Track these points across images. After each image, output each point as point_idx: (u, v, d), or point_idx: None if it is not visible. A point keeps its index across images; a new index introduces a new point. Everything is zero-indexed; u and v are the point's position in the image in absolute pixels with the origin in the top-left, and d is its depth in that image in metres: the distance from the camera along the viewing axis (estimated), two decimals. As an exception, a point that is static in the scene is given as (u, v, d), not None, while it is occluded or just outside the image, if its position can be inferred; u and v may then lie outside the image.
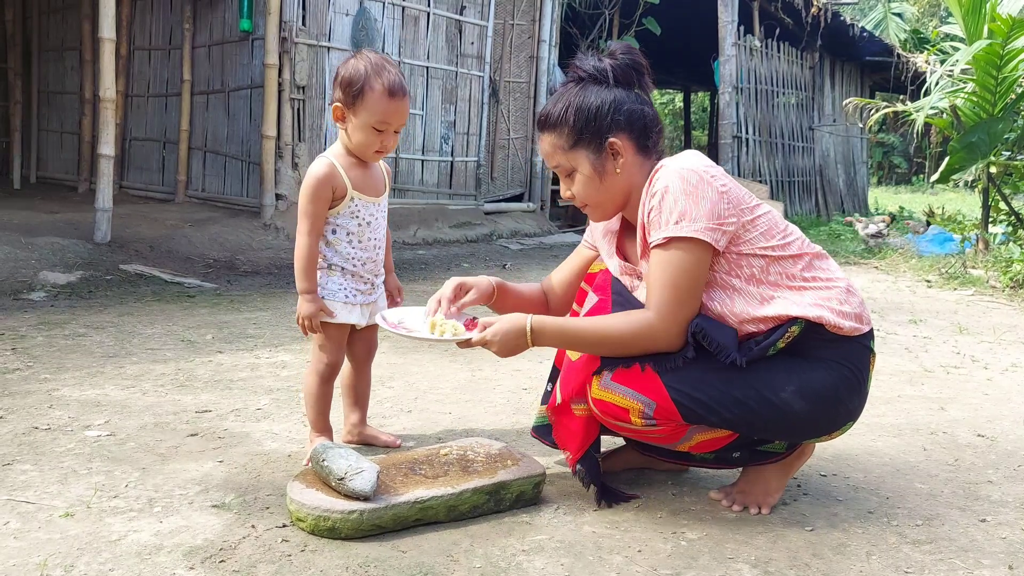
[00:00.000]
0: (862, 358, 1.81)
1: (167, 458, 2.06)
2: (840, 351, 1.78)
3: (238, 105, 6.89)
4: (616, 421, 1.80)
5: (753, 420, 1.75)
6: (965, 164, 6.66)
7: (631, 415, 1.76)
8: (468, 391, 2.78)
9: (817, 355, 1.78)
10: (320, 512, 1.66)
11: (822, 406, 1.77)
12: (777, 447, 1.90)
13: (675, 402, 1.74)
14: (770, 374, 1.75)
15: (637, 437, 1.86)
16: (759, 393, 1.73)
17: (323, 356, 2.10)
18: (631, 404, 1.76)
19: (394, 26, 7.20)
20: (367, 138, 2.01)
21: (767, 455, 1.91)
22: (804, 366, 1.77)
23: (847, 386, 1.78)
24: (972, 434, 2.55)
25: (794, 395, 1.74)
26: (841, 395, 1.78)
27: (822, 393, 1.76)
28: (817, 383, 1.76)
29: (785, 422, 1.76)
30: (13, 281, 4.28)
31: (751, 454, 1.91)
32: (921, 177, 25.54)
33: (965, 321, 4.55)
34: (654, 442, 1.86)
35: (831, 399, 1.77)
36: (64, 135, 8.90)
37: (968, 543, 1.78)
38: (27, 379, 2.67)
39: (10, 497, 1.79)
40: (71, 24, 8.59)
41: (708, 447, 1.86)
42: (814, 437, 1.86)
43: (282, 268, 5.39)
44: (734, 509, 1.90)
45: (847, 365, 1.78)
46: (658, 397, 1.74)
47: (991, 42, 6.17)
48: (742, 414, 1.74)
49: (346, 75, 2.00)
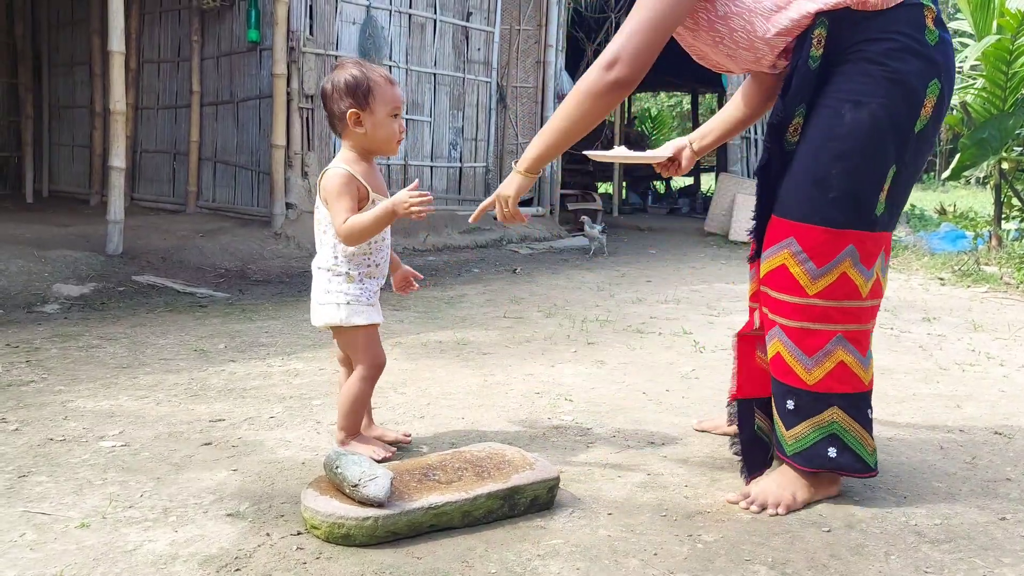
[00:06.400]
0: (914, 20, 1.83)
1: (181, 467, 2.07)
2: (888, 31, 1.82)
3: (247, 115, 6.92)
4: (787, 296, 1.91)
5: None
6: (976, 160, 6.63)
7: (788, 267, 1.90)
8: (480, 396, 2.77)
9: (865, 54, 1.83)
10: (334, 519, 1.66)
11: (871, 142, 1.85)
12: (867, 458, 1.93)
13: (799, 220, 1.88)
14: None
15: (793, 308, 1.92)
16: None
17: (370, 359, 2.15)
18: (778, 260, 1.91)
19: (401, 34, 7.22)
20: (388, 127, 2.10)
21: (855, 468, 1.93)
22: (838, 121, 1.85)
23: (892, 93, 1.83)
24: (989, 432, 2.53)
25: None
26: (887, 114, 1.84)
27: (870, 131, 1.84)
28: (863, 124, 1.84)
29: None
30: (27, 294, 4.31)
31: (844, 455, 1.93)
32: (932, 175, 25.41)
33: (980, 318, 4.51)
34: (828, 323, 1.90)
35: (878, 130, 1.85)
36: (75, 148, 8.96)
37: (988, 541, 1.76)
38: (42, 391, 2.69)
39: (26, 508, 1.80)
40: (81, 38, 8.66)
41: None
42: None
43: (293, 277, 5.40)
44: (752, 509, 1.89)
45: (901, 56, 1.82)
46: (789, 232, 1.89)
47: (1000, 38, 6.15)
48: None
49: (346, 84, 2.07)
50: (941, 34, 1.88)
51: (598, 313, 4.39)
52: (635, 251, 7.87)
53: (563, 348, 3.54)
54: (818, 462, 1.91)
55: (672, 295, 5.10)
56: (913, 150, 1.90)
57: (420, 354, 3.35)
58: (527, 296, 4.90)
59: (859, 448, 1.92)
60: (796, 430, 1.93)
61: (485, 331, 3.85)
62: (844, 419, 1.91)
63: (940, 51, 1.86)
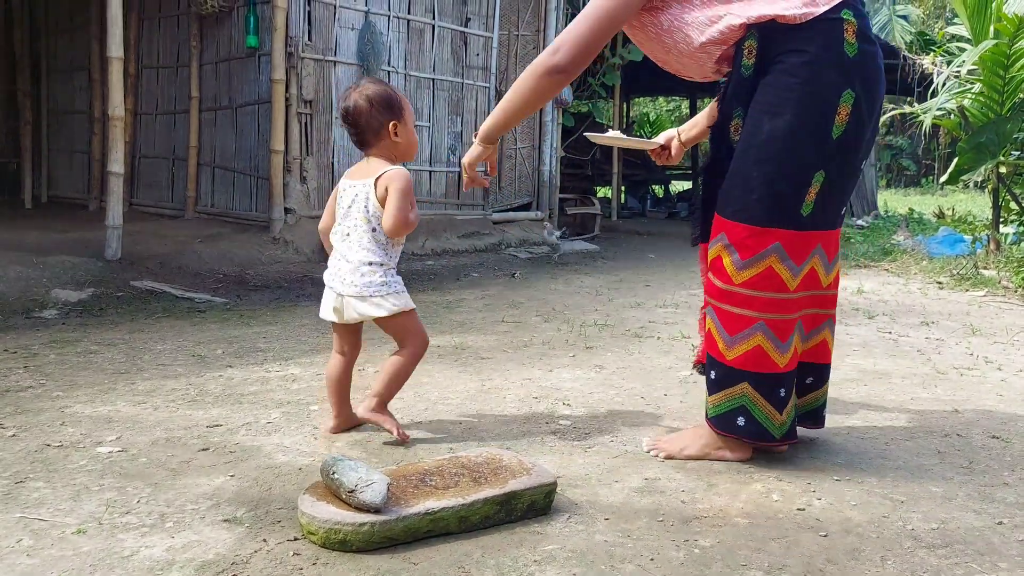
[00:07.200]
0: (832, 33, 1.96)
1: (178, 473, 2.07)
2: (805, 43, 1.97)
3: (246, 121, 6.93)
4: (717, 281, 2.13)
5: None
6: (974, 165, 6.64)
7: (721, 257, 2.09)
8: (478, 401, 2.77)
9: (784, 65, 1.99)
10: (331, 525, 1.66)
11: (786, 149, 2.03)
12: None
13: (728, 217, 2.08)
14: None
15: (746, 301, 2.11)
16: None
17: (421, 339, 2.39)
18: (715, 250, 2.12)
19: (399, 39, 7.23)
20: (414, 135, 2.42)
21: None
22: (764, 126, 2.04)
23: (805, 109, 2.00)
24: (987, 436, 2.53)
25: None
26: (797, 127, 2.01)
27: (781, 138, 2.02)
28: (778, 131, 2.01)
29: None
30: (25, 300, 4.31)
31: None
32: (931, 179, 25.41)
33: (978, 322, 4.52)
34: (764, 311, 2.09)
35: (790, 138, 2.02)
36: (74, 154, 8.95)
37: (984, 547, 1.76)
38: (39, 396, 2.69)
39: (23, 514, 1.80)
40: (80, 44, 8.66)
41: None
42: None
43: (291, 282, 5.40)
44: (659, 457, 2.23)
45: (814, 68, 1.97)
46: (722, 228, 2.10)
47: (997, 42, 6.16)
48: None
49: (381, 98, 2.31)
50: (863, 47, 2.01)
51: (596, 317, 4.39)
52: (634, 255, 7.88)
53: (561, 353, 3.55)
54: (728, 428, 2.17)
55: (671, 299, 5.11)
56: (840, 155, 2.04)
57: (418, 359, 3.35)
58: (525, 301, 4.91)
59: (766, 421, 2.14)
60: (714, 397, 2.19)
61: (483, 336, 3.86)
62: (753, 395, 2.12)
63: (858, 63, 2.00)
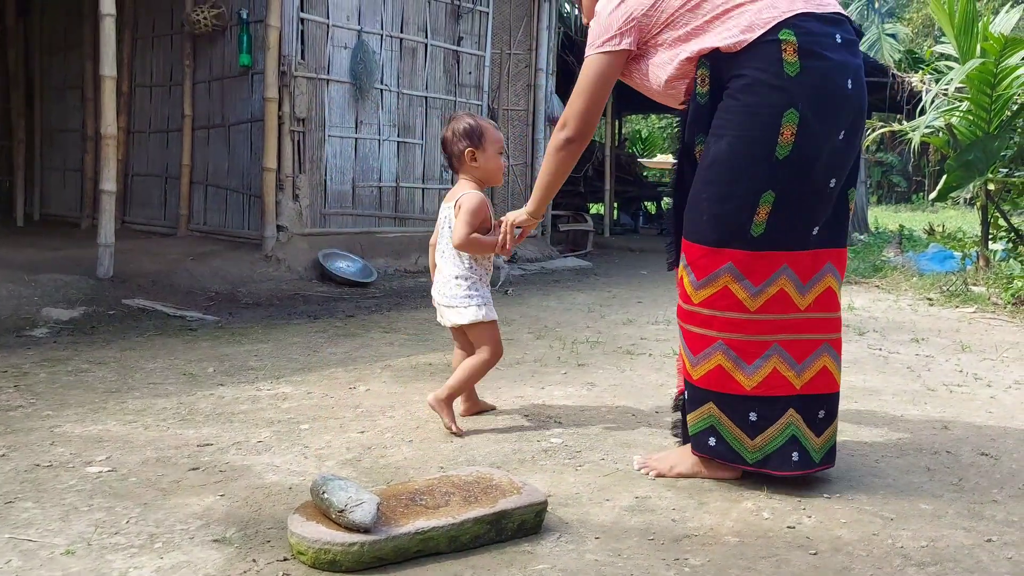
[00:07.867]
0: (769, 55, 2.02)
1: (168, 493, 2.06)
2: (744, 68, 2.05)
3: (238, 139, 6.94)
4: (680, 300, 2.22)
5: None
6: (963, 182, 6.69)
7: (683, 282, 2.17)
8: (469, 420, 2.77)
9: (729, 91, 2.08)
10: (321, 545, 1.66)
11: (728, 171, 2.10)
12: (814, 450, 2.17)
13: (687, 238, 2.16)
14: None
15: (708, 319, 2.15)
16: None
17: (497, 349, 2.68)
18: (680, 271, 2.20)
19: (392, 58, 7.27)
20: (496, 161, 2.70)
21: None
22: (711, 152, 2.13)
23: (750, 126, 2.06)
24: (976, 453, 2.54)
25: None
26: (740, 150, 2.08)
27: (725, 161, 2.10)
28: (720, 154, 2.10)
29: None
30: (16, 318, 4.30)
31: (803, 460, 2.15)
32: (921, 195, 25.56)
33: (967, 339, 4.54)
34: (728, 332, 2.12)
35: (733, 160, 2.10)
36: (67, 172, 8.96)
37: (974, 564, 1.77)
38: (29, 416, 2.68)
39: (12, 535, 1.79)
40: (73, 63, 8.68)
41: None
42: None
43: (283, 299, 5.40)
44: (650, 475, 2.23)
45: (753, 90, 2.04)
46: (684, 249, 2.19)
47: (984, 61, 6.22)
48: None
49: (464, 130, 2.66)
50: (807, 64, 2.02)
51: (589, 335, 4.40)
52: (626, 272, 7.90)
53: (553, 370, 3.55)
54: (702, 448, 2.19)
55: (663, 316, 5.12)
56: (791, 174, 2.06)
57: (410, 377, 3.35)
58: (518, 318, 4.91)
59: (735, 443, 2.14)
60: (690, 417, 2.22)
61: (475, 354, 3.85)
62: (719, 415, 2.14)
63: (800, 81, 2.02)
